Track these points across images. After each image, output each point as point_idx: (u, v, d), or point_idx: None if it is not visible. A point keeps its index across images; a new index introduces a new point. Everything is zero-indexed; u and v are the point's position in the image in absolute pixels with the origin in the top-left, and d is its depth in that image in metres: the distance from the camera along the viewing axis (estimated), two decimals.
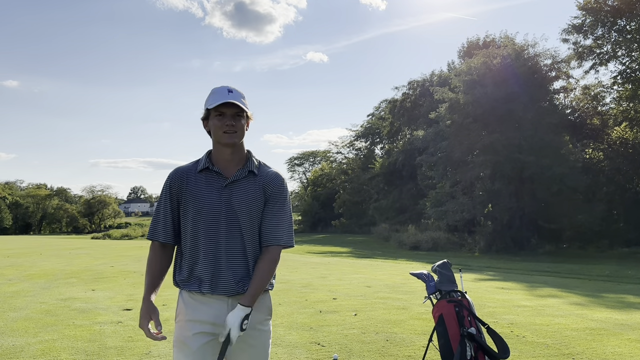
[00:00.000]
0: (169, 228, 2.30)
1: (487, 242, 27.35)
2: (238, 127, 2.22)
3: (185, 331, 2.22)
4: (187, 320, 2.22)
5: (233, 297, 2.22)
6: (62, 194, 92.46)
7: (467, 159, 29.40)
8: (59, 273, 12.80)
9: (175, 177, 2.30)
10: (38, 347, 5.29)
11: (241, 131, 2.24)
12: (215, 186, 2.25)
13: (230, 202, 2.23)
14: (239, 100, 2.21)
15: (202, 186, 2.25)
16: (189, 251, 2.26)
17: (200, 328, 2.20)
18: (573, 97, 30.76)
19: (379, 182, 46.93)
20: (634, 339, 5.59)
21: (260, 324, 2.29)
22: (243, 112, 2.23)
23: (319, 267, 15.10)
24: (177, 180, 2.29)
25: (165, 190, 2.31)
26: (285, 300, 8.22)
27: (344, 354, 4.99)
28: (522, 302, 8.21)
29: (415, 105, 42.41)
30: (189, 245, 2.26)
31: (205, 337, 2.20)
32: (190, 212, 2.24)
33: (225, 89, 2.23)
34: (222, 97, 2.19)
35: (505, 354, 3.60)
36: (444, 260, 4.24)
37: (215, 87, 2.26)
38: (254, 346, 2.27)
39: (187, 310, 2.24)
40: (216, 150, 2.29)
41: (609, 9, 25.62)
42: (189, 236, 2.25)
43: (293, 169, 72.26)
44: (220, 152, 2.27)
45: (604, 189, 27.73)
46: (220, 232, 2.21)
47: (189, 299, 2.25)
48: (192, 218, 2.23)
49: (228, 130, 2.20)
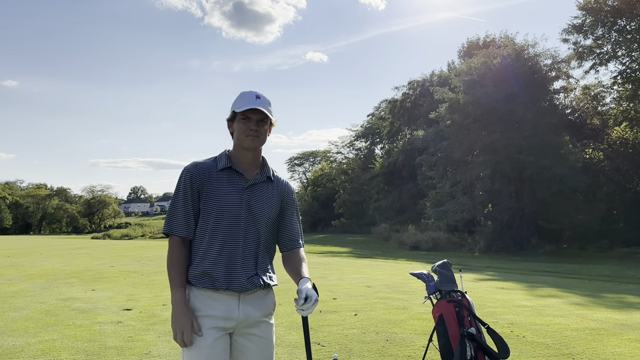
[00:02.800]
0: (190, 223, 2.31)
1: (487, 242, 27.34)
2: (261, 132, 2.31)
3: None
4: (201, 316, 2.25)
5: (243, 293, 2.30)
6: (62, 194, 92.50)
7: (467, 159, 29.39)
8: (59, 273, 12.80)
9: (196, 172, 2.31)
10: (38, 347, 5.29)
11: (263, 136, 2.34)
12: (237, 187, 2.32)
13: (250, 204, 2.32)
14: (265, 107, 2.30)
15: (225, 185, 2.31)
16: (204, 248, 2.29)
17: (213, 323, 2.25)
18: (573, 97, 30.75)
19: (379, 182, 46.92)
20: (634, 339, 5.59)
21: (267, 317, 2.39)
22: (268, 118, 2.33)
23: (319, 267, 15.10)
24: (199, 175, 2.31)
25: (185, 184, 2.31)
26: (285, 300, 8.22)
27: (344, 354, 4.99)
28: (522, 302, 8.20)
29: (415, 105, 42.38)
30: (205, 242, 2.29)
31: (217, 332, 2.25)
32: (212, 210, 2.28)
33: (253, 94, 2.32)
34: (250, 102, 2.29)
35: (505, 354, 3.60)
36: (444, 260, 4.24)
37: (244, 91, 2.36)
38: (263, 337, 2.36)
39: (199, 306, 2.27)
40: (237, 152, 2.37)
41: (609, 9, 25.61)
42: (207, 233, 2.29)
43: (293, 169, 72.21)
44: (242, 155, 2.36)
45: (604, 189, 27.71)
46: (239, 231, 2.29)
47: (200, 295, 2.28)
48: (214, 216, 2.27)
49: (251, 135, 2.29)
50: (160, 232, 56.69)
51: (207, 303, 2.27)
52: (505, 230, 27.15)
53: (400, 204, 41.63)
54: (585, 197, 27.14)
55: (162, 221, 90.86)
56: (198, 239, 2.31)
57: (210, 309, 2.26)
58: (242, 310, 2.29)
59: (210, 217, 2.28)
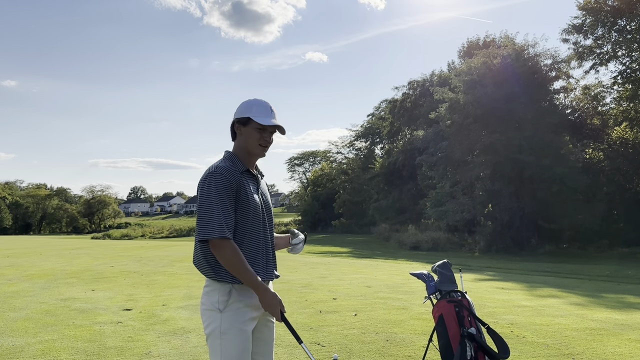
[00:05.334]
0: (232, 226, 2.41)
1: (487, 242, 27.34)
2: (270, 142, 2.54)
3: (240, 317, 2.42)
4: (243, 307, 2.43)
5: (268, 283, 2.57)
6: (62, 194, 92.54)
7: (467, 159, 29.40)
8: (59, 273, 12.80)
9: (233, 177, 2.42)
10: (38, 347, 5.29)
11: (269, 145, 2.57)
12: (255, 187, 2.55)
13: (264, 201, 2.59)
14: (280, 123, 2.51)
15: (249, 186, 2.50)
16: (243, 246, 2.45)
17: (252, 314, 2.46)
18: (573, 97, 30.75)
19: (379, 182, 46.93)
20: (634, 339, 5.58)
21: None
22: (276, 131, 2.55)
23: (319, 267, 15.10)
24: (235, 180, 2.43)
25: (226, 189, 2.38)
26: (285, 300, 8.22)
27: (344, 354, 4.99)
28: (522, 302, 8.20)
29: (415, 105, 42.40)
30: (242, 240, 2.44)
31: (253, 322, 2.49)
32: (246, 210, 2.44)
33: (269, 107, 2.51)
34: (270, 116, 2.48)
35: (505, 354, 3.59)
36: (444, 260, 4.24)
37: (259, 100, 2.52)
38: (270, 326, 2.64)
39: (240, 298, 2.43)
40: (245, 156, 2.54)
41: (609, 9, 25.62)
42: (243, 232, 2.45)
43: (293, 169, 72.19)
44: (249, 159, 2.54)
45: (604, 189, 27.70)
46: (263, 227, 2.53)
47: (240, 289, 2.43)
48: (250, 216, 2.46)
49: (265, 145, 2.50)
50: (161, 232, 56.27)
51: (246, 295, 2.43)
52: (506, 230, 27.16)
53: (400, 204, 41.63)
54: (585, 197, 27.15)
55: (162, 221, 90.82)
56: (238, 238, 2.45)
57: (251, 299, 2.44)
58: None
59: (245, 216, 2.44)
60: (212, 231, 2.31)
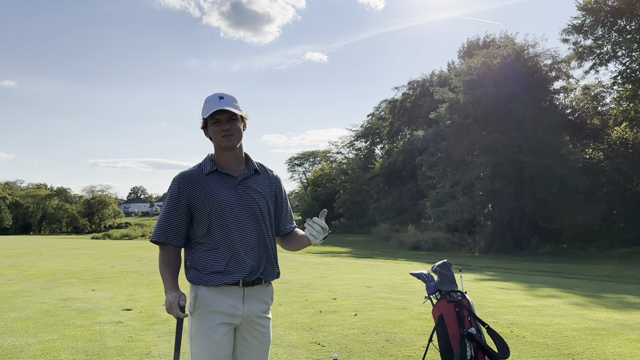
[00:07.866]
0: (182, 232, 2.39)
1: (487, 242, 27.34)
2: (234, 130, 2.37)
3: (206, 322, 2.32)
4: (208, 312, 2.33)
5: (248, 287, 2.37)
6: (62, 194, 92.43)
7: (467, 159, 29.39)
8: (59, 273, 12.80)
9: (184, 181, 2.37)
10: (38, 347, 5.29)
11: (238, 133, 2.39)
12: (228, 185, 2.39)
13: (244, 199, 2.40)
14: (230, 105, 2.35)
15: (216, 187, 2.37)
16: (206, 247, 2.36)
17: (221, 319, 2.33)
18: (573, 97, 30.74)
19: (379, 182, 46.92)
20: (634, 339, 5.59)
21: (265, 313, 2.48)
22: (236, 115, 2.37)
23: (319, 267, 15.10)
24: (186, 184, 2.37)
25: (174, 194, 2.37)
26: (285, 300, 8.22)
27: (344, 354, 4.99)
28: (522, 302, 8.20)
29: (415, 105, 42.38)
30: (206, 242, 2.36)
31: (224, 327, 2.34)
32: (209, 212, 2.34)
33: (216, 96, 2.37)
34: (215, 105, 2.34)
35: (505, 354, 3.60)
36: (444, 261, 4.24)
37: (208, 96, 2.40)
38: (263, 332, 2.46)
39: (207, 302, 2.33)
40: (219, 155, 2.44)
41: (609, 9, 25.60)
42: (207, 234, 2.36)
43: (293, 169, 72.09)
44: (223, 156, 2.42)
45: (604, 189, 27.69)
46: (237, 227, 2.36)
47: (208, 292, 2.34)
48: (211, 216, 2.34)
49: (226, 134, 2.35)
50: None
51: (214, 299, 2.33)
52: (505, 230, 27.15)
53: (400, 204, 41.63)
54: (585, 197, 27.13)
55: None
56: (199, 240, 2.39)
57: (218, 305, 2.33)
58: (247, 305, 2.37)
59: (206, 218, 2.35)
60: (152, 235, 2.41)
